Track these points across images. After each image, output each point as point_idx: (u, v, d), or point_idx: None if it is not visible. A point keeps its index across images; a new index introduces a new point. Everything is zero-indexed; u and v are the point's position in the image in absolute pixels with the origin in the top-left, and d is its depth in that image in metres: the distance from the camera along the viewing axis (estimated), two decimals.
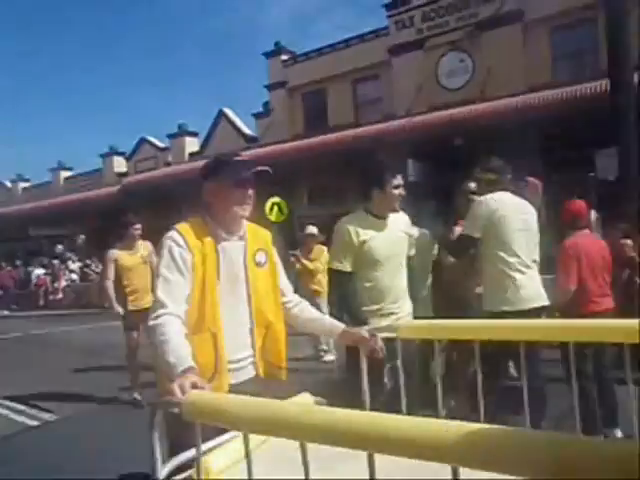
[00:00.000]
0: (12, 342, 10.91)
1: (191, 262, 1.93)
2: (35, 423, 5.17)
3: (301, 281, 7.48)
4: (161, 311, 1.84)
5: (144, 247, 5.76)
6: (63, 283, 17.09)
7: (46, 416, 5.30)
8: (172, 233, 1.99)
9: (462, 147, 10.20)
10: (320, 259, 7.19)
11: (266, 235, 2.23)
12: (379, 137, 12.21)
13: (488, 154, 3.69)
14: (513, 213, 3.39)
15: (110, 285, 5.55)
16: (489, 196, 3.45)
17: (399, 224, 3.07)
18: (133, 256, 5.65)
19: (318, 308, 7.36)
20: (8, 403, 5.87)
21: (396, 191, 2.92)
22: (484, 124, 10.34)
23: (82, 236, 20.15)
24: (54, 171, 26.17)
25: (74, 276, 17.38)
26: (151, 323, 1.83)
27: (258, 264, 2.10)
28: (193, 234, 1.98)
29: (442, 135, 10.90)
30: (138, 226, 5.75)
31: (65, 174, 25.84)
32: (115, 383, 6.46)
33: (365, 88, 15.85)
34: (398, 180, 2.94)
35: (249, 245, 2.09)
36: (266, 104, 17.34)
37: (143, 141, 21.66)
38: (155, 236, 6.50)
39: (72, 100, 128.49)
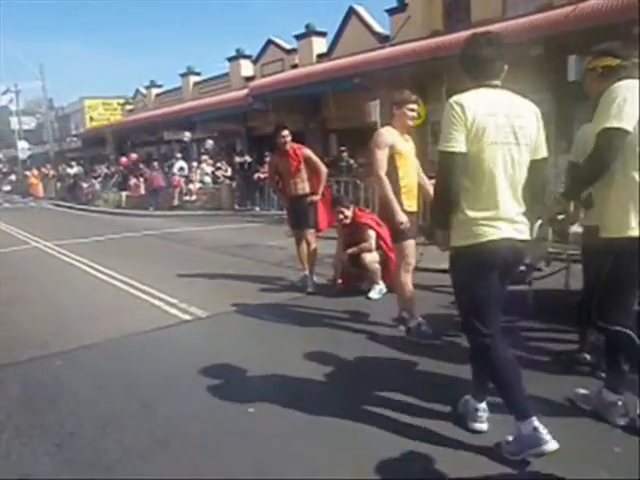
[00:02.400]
0: (157, 238, 11.46)
1: None
2: (187, 317, 5.25)
3: None
4: None
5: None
6: (197, 185, 17.68)
7: (199, 312, 5.36)
8: None
9: None
10: None
11: None
12: (533, 31, 10.70)
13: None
14: None
15: (386, 179, 4.13)
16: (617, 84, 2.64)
17: None
18: (408, 142, 4.31)
19: None
20: (161, 295, 6.05)
21: None
22: None
23: (210, 141, 20.55)
24: (184, 77, 26.65)
25: (207, 178, 17.89)
26: None
27: None
28: None
29: (616, 24, 9.24)
30: (414, 100, 4.24)
31: (194, 79, 26.23)
32: (261, 285, 6.49)
33: None
34: None
35: None
36: None
37: (269, 43, 21.10)
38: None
39: (198, 7, 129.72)
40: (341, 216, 5.80)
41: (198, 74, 26.47)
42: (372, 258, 5.52)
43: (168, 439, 2.92)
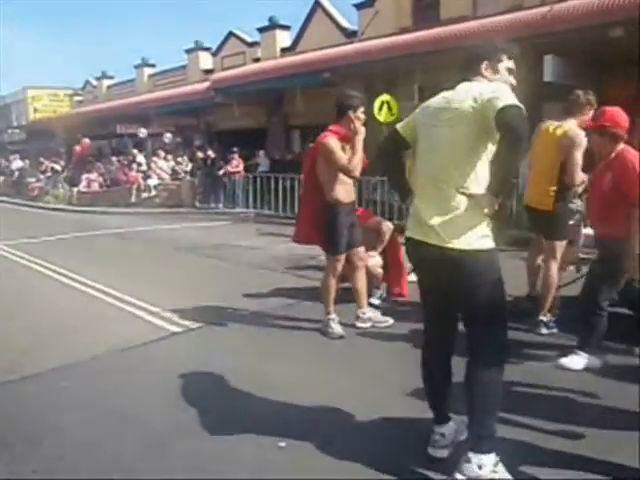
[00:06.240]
0: (120, 238, 10.78)
1: None
2: (175, 329, 4.78)
3: None
4: None
5: None
6: (156, 181, 16.92)
7: (186, 322, 4.90)
8: None
9: (621, 40, 8.65)
10: None
11: None
12: (503, 30, 10.65)
13: None
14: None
15: None
16: None
17: None
18: None
19: None
20: (140, 303, 5.53)
21: None
22: None
23: (168, 135, 19.75)
24: (138, 68, 25.62)
25: (164, 174, 17.16)
26: None
27: None
28: None
29: (593, 26, 9.26)
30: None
31: (149, 71, 25.26)
32: (246, 290, 6.02)
33: None
34: None
35: None
36: None
37: (230, 35, 20.47)
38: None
39: None
40: None
41: (153, 66, 25.53)
42: (375, 262, 5.20)
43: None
